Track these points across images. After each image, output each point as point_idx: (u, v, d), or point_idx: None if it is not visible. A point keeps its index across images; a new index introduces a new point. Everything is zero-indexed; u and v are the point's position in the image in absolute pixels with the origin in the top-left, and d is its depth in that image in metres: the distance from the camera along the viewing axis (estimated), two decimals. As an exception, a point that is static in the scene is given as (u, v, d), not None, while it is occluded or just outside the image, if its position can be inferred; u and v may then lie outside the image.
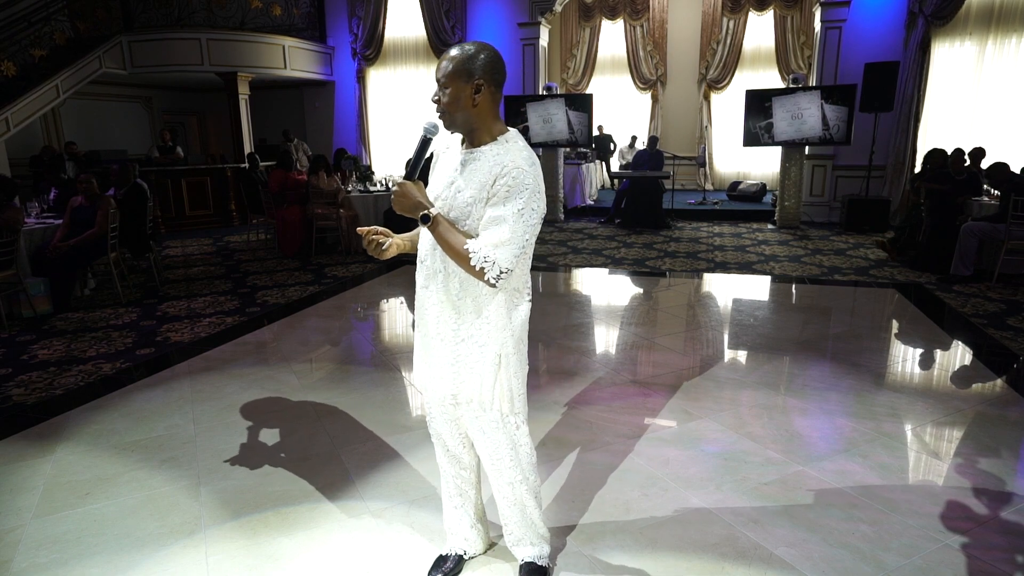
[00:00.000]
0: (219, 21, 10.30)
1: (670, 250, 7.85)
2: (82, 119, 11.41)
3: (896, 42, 9.27)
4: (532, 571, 2.06)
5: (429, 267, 1.85)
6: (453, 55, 1.70)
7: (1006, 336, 4.47)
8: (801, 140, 9.19)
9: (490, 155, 1.72)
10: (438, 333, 1.86)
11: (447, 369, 1.87)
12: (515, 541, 2.09)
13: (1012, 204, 5.69)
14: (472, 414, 1.90)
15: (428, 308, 1.88)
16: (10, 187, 5.35)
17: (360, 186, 8.66)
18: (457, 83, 1.69)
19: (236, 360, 4.23)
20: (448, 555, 2.16)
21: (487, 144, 1.75)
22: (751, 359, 4.17)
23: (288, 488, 2.66)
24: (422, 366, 1.97)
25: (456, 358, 1.85)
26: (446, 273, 1.80)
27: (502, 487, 1.98)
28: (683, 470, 2.75)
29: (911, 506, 2.46)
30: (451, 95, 1.69)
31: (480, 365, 1.83)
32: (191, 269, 7.22)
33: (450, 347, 1.85)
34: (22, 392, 3.72)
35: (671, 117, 14.01)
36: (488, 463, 1.96)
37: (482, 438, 1.92)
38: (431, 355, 1.91)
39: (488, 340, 1.82)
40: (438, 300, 1.84)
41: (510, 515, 2.04)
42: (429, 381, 1.95)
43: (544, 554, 2.09)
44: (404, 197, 1.71)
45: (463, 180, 1.74)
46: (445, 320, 1.84)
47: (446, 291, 1.82)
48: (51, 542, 2.33)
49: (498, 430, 1.89)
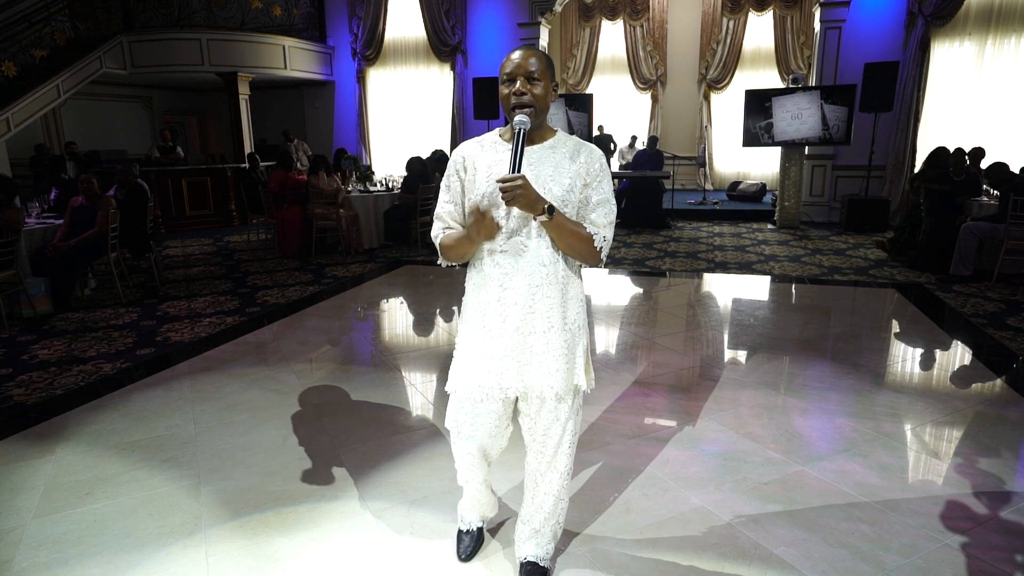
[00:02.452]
0: (219, 21, 10.30)
1: (670, 250, 7.86)
2: (82, 119, 11.41)
3: (896, 42, 9.27)
4: (533, 571, 2.05)
5: (530, 261, 1.77)
6: (538, 52, 1.76)
7: (1006, 336, 4.47)
8: (801, 140, 9.19)
9: (565, 147, 1.81)
10: (548, 326, 1.80)
11: (558, 362, 1.81)
12: (528, 535, 2.05)
13: (1011, 204, 5.69)
14: (555, 404, 1.87)
15: (533, 302, 1.79)
16: (10, 187, 5.35)
17: (360, 186, 8.67)
18: (547, 79, 1.74)
19: (236, 360, 4.23)
20: (469, 530, 2.24)
21: (551, 138, 1.82)
22: (751, 359, 4.17)
23: (288, 488, 2.66)
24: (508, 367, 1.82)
25: (569, 346, 1.83)
26: (553, 262, 1.79)
27: (553, 479, 1.95)
28: (683, 470, 2.75)
29: (911, 506, 2.46)
30: (543, 88, 1.74)
31: (579, 346, 1.87)
32: (191, 269, 7.22)
33: (560, 336, 1.81)
34: (22, 392, 3.72)
35: (671, 117, 14.01)
36: (551, 455, 1.92)
37: (556, 429, 1.89)
38: (529, 353, 1.81)
39: (583, 320, 1.88)
40: (545, 292, 1.79)
41: (545, 505, 1.99)
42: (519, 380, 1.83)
43: (548, 554, 2.08)
44: (527, 191, 1.64)
45: (548, 173, 1.76)
46: (555, 309, 1.80)
47: (553, 280, 1.79)
48: (51, 542, 2.33)
49: (571, 417, 1.90)
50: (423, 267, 7.16)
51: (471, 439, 1.93)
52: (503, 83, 1.76)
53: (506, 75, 1.74)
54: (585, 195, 1.79)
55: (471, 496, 2.17)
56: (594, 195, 1.79)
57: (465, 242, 1.80)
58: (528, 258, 1.77)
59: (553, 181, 1.76)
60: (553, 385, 1.82)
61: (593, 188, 1.79)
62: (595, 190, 1.79)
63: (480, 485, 2.10)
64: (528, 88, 1.71)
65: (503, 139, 1.84)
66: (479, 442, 1.93)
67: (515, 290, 1.78)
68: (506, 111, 1.76)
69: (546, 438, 1.91)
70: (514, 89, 1.72)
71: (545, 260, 1.78)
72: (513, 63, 1.73)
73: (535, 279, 1.78)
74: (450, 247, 1.84)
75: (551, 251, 1.78)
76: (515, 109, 1.72)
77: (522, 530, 2.07)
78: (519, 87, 1.71)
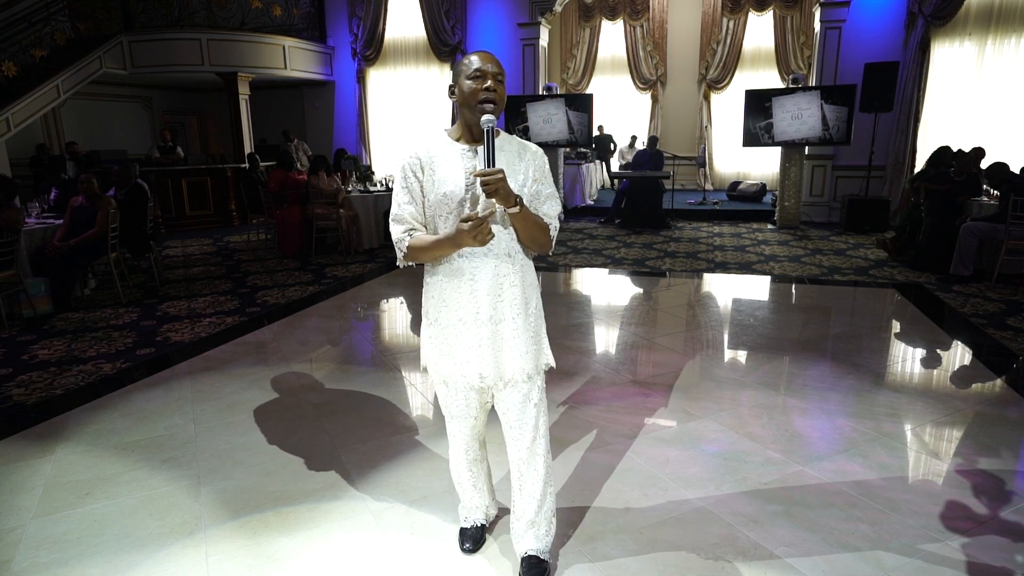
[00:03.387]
0: (219, 21, 10.30)
1: (670, 250, 7.86)
2: (82, 119, 11.41)
3: (896, 42, 9.27)
4: (534, 564, 2.07)
5: (498, 252, 1.88)
6: (499, 60, 1.88)
7: (1006, 336, 4.47)
8: (801, 140, 9.19)
9: (511, 146, 1.92)
10: (515, 312, 1.92)
11: (527, 345, 1.94)
12: (525, 529, 2.08)
13: (1011, 204, 5.69)
14: (529, 384, 1.97)
15: (500, 291, 1.89)
16: (10, 187, 5.35)
17: (360, 186, 8.66)
18: (505, 84, 1.86)
19: (236, 360, 4.23)
20: (471, 527, 2.29)
21: (497, 138, 1.89)
22: (751, 359, 4.17)
23: (288, 488, 2.66)
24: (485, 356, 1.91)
25: (533, 330, 1.97)
26: (516, 252, 1.92)
27: (538, 464, 2.03)
28: (683, 470, 2.75)
29: (911, 506, 2.46)
30: (504, 91, 1.85)
31: (542, 327, 2.01)
32: (191, 269, 7.22)
33: (523, 321, 1.94)
34: (22, 392, 3.72)
35: (671, 117, 14.02)
36: (531, 440, 2.01)
37: (530, 411, 1.99)
38: (500, 340, 1.91)
39: (539, 303, 2.01)
40: (511, 281, 1.90)
41: (535, 493, 2.05)
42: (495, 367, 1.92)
43: (547, 547, 2.11)
44: (503, 183, 1.72)
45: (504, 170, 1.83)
46: (518, 296, 1.92)
47: (517, 269, 1.92)
48: (51, 542, 2.33)
49: (542, 397, 2.02)
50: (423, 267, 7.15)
51: (461, 418, 2.08)
52: (468, 78, 1.80)
53: (476, 71, 1.80)
54: (535, 189, 1.92)
55: (466, 493, 2.25)
56: (544, 188, 1.93)
57: (447, 245, 1.82)
58: (496, 251, 1.88)
59: (510, 177, 1.84)
60: (524, 367, 1.95)
61: (542, 183, 1.93)
62: (544, 184, 1.93)
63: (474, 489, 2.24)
64: (496, 87, 1.81)
65: (452, 138, 1.91)
66: (468, 422, 2.08)
67: (484, 281, 1.88)
68: (466, 106, 1.82)
69: (521, 423, 1.99)
70: (485, 85, 1.79)
71: (511, 251, 1.90)
72: (480, 61, 1.82)
73: (501, 269, 1.89)
74: (423, 249, 1.87)
75: (514, 243, 1.91)
76: (483, 103, 1.79)
77: (518, 526, 2.10)
78: (490, 84, 1.80)
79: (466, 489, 2.25)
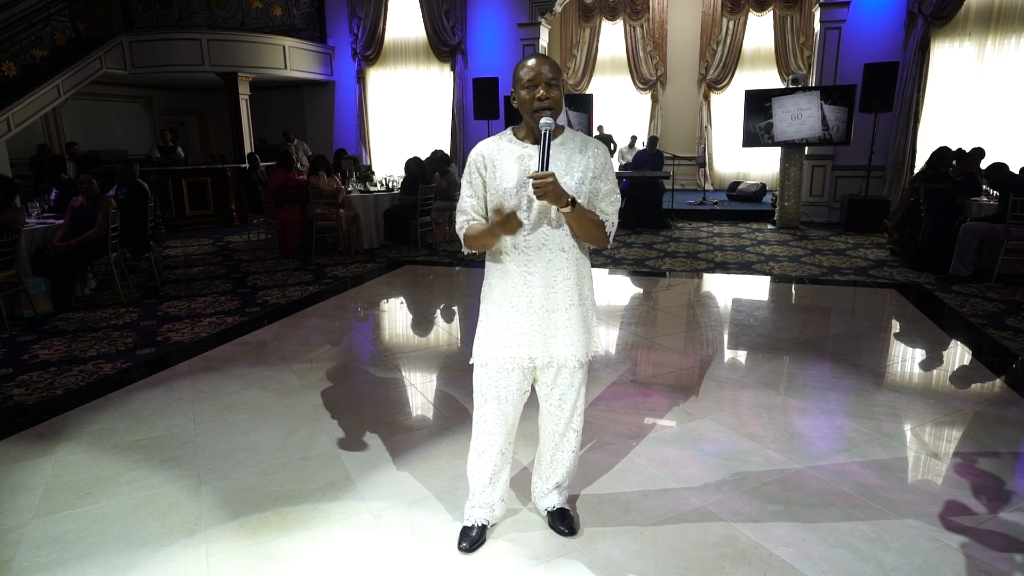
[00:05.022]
0: (219, 21, 10.30)
1: (670, 250, 7.86)
2: (83, 119, 11.40)
3: (896, 42, 9.27)
4: (563, 515, 2.32)
5: (552, 248, 1.99)
6: (550, 60, 1.97)
7: (1005, 336, 4.48)
8: (801, 140, 9.19)
9: (574, 143, 2.02)
10: (568, 303, 2.04)
11: (579, 334, 2.06)
12: (550, 490, 2.30)
13: (1011, 204, 5.69)
14: (576, 370, 2.11)
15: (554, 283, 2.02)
16: (11, 187, 5.35)
17: (360, 186, 8.67)
18: (560, 83, 1.95)
19: (236, 360, 4.23)
20: (473, 526, 2.28)
21: (560, 136, 2.02)
22: (751, 359, 4.17)
23: (288, 488, 2.66)
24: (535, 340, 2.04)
25: (585, 319, 2.08)
26: (571, 248, 2.02)
27: (571, 438, 2.22)
28: (683, 470, 2.75)
29: (911, 506, 2.46)
30: (559, 92, 1.94)
31: (594, 318, 2.13)
32: (191, 269, 7.22)
33: (578, 311, 2.06)
34: (23, 392, 3.72)
35: (671, 117, 14.01)
36: (568, 417, 2.18)
37: (572, 395, 2.15)
38: (553, 328, 2.04)
39: (593, 296, 2.14)
40: (565, 275, 2.02)
41: (566, 462, 2.27)
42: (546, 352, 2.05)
43: (566, 496, 2.36)
44: (555, 185, 1.83)
45: (562, 168, 1.96)
46: (572, 288, 2.04)
47: (571, 263, 2.02)
48: (51, 542, 2.33)
49: (584, 380, 2.16)
50: (423, 267, 7.16)
51: (496, 401, 2.12)
52: (523, 88, 1.92)
53: (528, 81, 1.91)
54: (595, 186, 2.01)
55: (478, 488, 2.25)
56: (603, 185, 2.02)
57: (488, 235, 1.98)
58: (550, 246, 1.99)
59: (567, 174, 1.96)
60: (576, 354, 2.08)
61: (602, 179, 2.02)
62: (603, 181, 2.02)
63: (489, 485, 2.24)
64: (549, 93, 1.90)
65: (517, 138, 2.04)
66: (502, 406, 2.13)
67: (538, 275, 2.00)
68: (525, 113, 1.95)
69: (562, 402, 2.16)
70: (538, 95, 1.90)
71: (564, 246, 2.01)
72: (533, 70, 1.91)
73: (555, 264, 2.01)
74: (474, 238, 2.03)
75: (569, 238, 2.01)
76: (538, 112, 1.90)
77: (543, 486, 2.33)
78: (542, 92, 1.90)
79: (480, 482, 2.23)
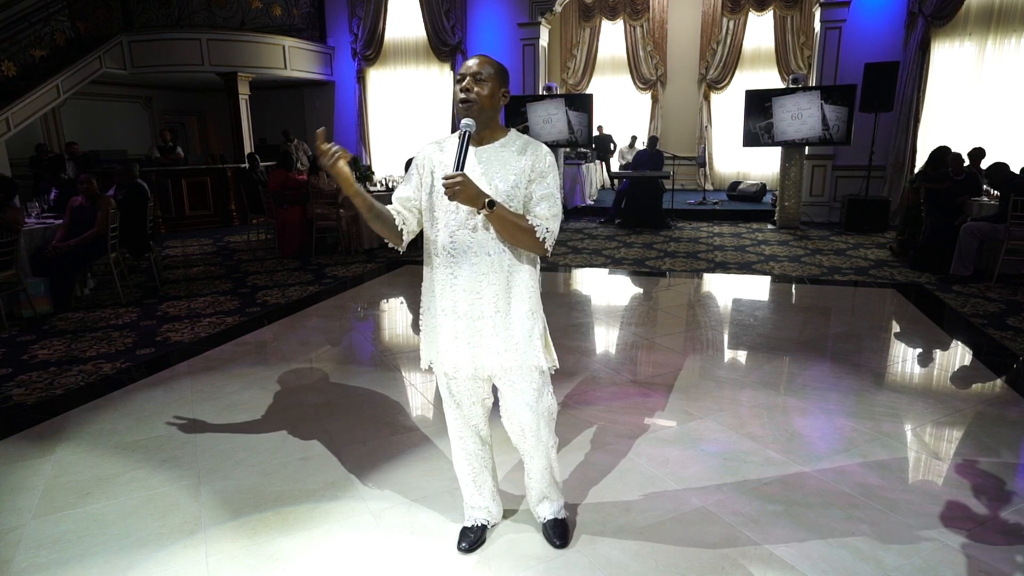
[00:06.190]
0: (219, 21, 10.30)
1: (670, 250, 7.86)
2: (82, 119, 11.40)
3: (896, 42, 9.27)
4: (556, 525, 2.27)
5: (477, 251, 1.93)
6: (491, 60, 1.92)
7: (1006, 336, 4.47)
8: (801, 140, 9.19)
9: (514, 145, 1.95)
10: (494, 310, 1.95)
11: (506, 343, 1.97)
12: (538, 500, 2.28)
13: (1012, 204, 5.69)
14: (520, 384, 2.02)
15: (480, 288, 1.95)
16: (10, 187, 5.35)
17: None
18: (495, 82, 1.89)
19: (236, 360, 4.23)
20: (472, 527, 2.29)
21: (502, 138, 1.96)
22: (751, 359, 4.17)
23: (288, 488, 2.66)
24: (461, 348, 1.99)
25: (514, 328, 1.98)
26: (498, 252, 1.93)
27: (540, 455, 2.16)
28: (683, 470, 2.75)
29: (911, 506, 2.46)
30: (490, 89, 1.88)
31: (533, 329, 2.00)
32: (191, 269, 7.22)
33: (504, 319, 1.97)
34: (22, 392, 3.72)
35: (671, 117, 14.01)
36: (530, 433, 2.09)
37: (529, 418, 2.06)
38: (479, 336, 1.97)
39: (533, 305, 2.01)
40: (491, 280, 1.94)
41: (541, 477, 2.22)
42: (471, 361, 1.99)
43: (561, 507, 2.31)
44: (467, 187, 1.78)
45: (496, 170, 1.91)
46: (500, 295, 1.95)
47: (499, 268, 1.94)
48: (51, 542, 2.33)
49: (541, 395, 2.06)
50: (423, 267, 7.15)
51: (455, 406, 2.13)
52: (455, 83, 1.91)
53: (457, 76, 1.92)
54: (530, 190, 1.93)
55: (468, 490, 2.27)
56: (538, 190, 1.92)
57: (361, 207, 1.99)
58: (475, 249, 1.92)
59: (499, 178, 1.91)
60: (503, 364, 1.99)
61: (537, 183, 1.92)
62: (539, 185, 1.92)
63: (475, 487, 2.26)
64: (473, 86, 1.86)
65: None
66: (462, 411, 2.14)
67: (463, 278, 1.94)
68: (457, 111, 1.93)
69: (523, 429, 2.10)
70: (463, 86, 1.87)
71: (491, 250, 1.93)
72: (465, 66, 1.91)
73: (481, 268, 1.93)
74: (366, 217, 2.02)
75: (496, 242, 1.93)
76: (460, 104, 1.87)
77: (532, 498, 2.31)
78: (466, 84, 1.86)
79: (467, 484, 2.27)
